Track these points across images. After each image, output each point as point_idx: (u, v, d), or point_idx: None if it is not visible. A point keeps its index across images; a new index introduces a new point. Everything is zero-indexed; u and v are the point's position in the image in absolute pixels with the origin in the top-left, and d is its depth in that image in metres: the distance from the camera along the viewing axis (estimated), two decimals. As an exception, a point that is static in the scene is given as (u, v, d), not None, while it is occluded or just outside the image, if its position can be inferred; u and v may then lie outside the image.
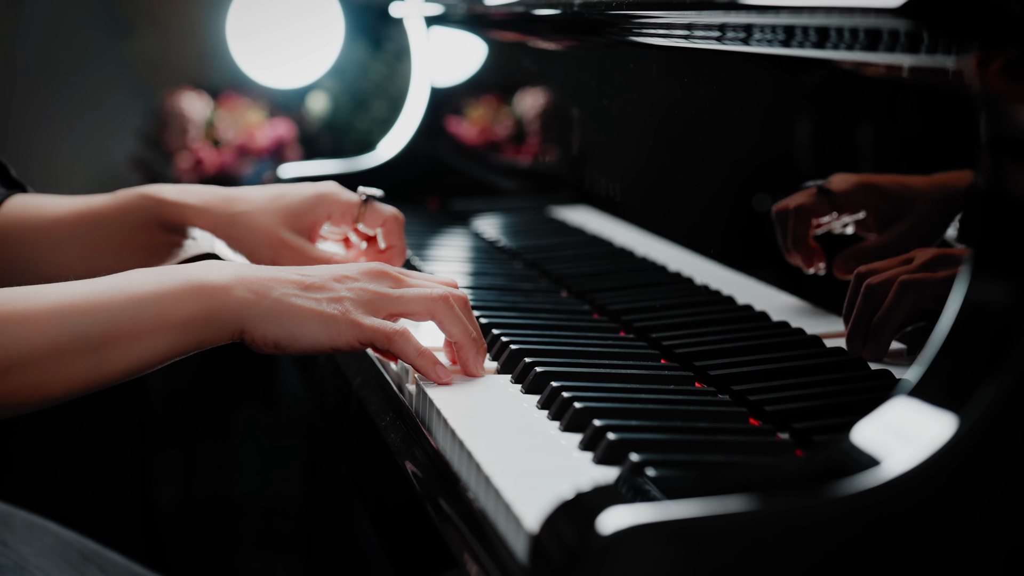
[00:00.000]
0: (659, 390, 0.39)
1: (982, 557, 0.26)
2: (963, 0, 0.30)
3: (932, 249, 0.37)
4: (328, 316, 0.38)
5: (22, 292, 0.37)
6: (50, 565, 0.49)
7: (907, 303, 0.38)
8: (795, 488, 0.25)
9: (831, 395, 0.38)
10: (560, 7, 0.58)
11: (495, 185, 0.78)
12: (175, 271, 0.39)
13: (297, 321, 0.38)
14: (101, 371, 0.37)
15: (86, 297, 0.37)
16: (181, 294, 0.38)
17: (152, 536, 1.09)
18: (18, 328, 0.36)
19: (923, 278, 0.37)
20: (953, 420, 0.26)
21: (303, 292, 0.39)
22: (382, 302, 0.39)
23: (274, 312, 0.38)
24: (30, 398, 0.37)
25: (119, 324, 0.37)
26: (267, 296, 0.38)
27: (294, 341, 0.39)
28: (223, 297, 0.38)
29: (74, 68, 1.22)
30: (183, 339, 0.38)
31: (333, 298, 0.39)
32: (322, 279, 0.39)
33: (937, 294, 0.36)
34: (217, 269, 0.39)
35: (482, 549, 0.30)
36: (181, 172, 1.13)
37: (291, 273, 0.39)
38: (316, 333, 0.38)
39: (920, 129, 0.38)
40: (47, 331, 0.36)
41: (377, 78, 1.17)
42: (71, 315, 0.37)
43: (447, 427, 0.36)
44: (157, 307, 0.37)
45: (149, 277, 0.38)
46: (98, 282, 0.38)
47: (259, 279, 0.39)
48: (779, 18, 0.39)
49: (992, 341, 0.26)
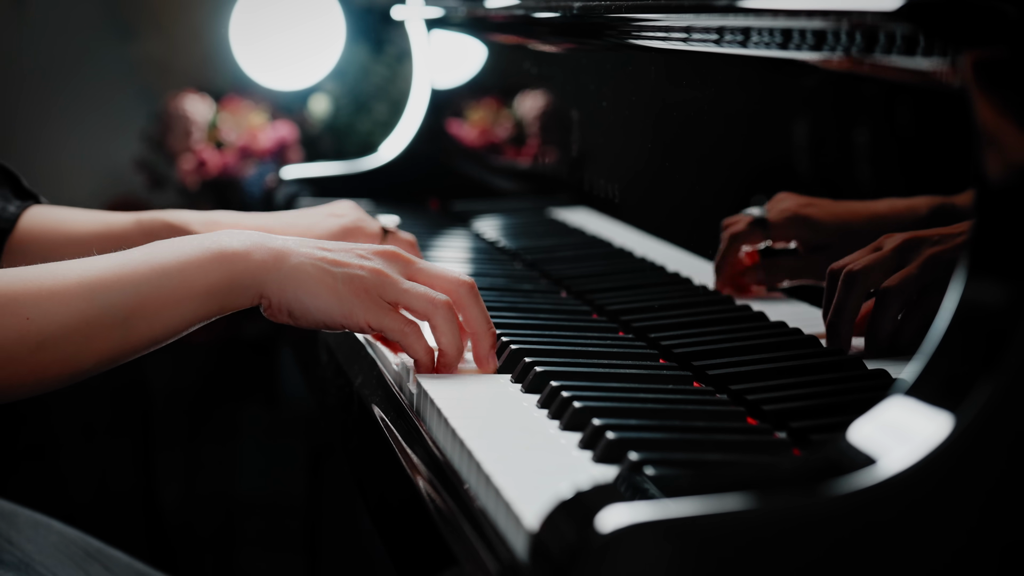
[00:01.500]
0: (658, 389, 0.40)
1: (978, 555, 0.26)
2: (959, 3, 0.30)
3: (901, 235, 0.37)
4: (341, 294, 0.39)
5: (49, 269, 0.38)
6: (54, 563, 0.49)
7: (856, 292, 0.38)
8: (792, 487, 0.26)
9: (828, 394, 0.38)
10: (559, 10, 0.59)
11: (495, 186, 0.78)
12: (195, 241, 0.39)
13: (312, 293, 0.39)
14: (129, 341, 0.38)
15: (112, 270, 0.38)
16: (203, 262, 0.39)
17: (156, 534, 1.09)
18: (48, 303, 0.37)
19: (867, 264, 0.38)
20: (949, 419, 0.26)
21: (319, 262, 0.39)
22: (391, 288, 0.40)
23: (291, 280, 0.39)
24: (61, 372, 0.37)
25: (145, 295, 0.38)
26: (285, 262, 0.39)
27: (306, 312, 0.39)
28: (243, 262, 0.39)
29: (79, 71, 1.22)
30: (206, 306, 0.39)
31: (348, 275, 0.40)
32: (339, 255, 0.40)
33: (883, 278, 0.36)
34: (236, 236, 0.40)
35: (483, 547, 0.30)
36: (185, 173, 1.13)
37: (310, 245, 0.40)
38: (329, 307, 0.39)
39: (916, 131, 0.38)
40: (77, 305, 0.37)
41: (378, 80, 1.17)
42: (99, 289, 0.37)
43: (447, 426, 0.37)
44: (181, 276, 0.38)
45: (171, 248, 0.39)
46: (121, 255, 0.39)
47: (276, 245, 0.40)
48: (776, 21, 0.40)
49: (988, 341, 0.26)
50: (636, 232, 0.59)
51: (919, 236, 0.37)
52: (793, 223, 0.44)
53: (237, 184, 1.13)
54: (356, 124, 1.16)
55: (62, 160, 1.23)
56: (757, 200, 0.47)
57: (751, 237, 0.46)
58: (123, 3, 1.24)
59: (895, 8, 0.32)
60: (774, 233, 0.45)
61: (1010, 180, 0.28)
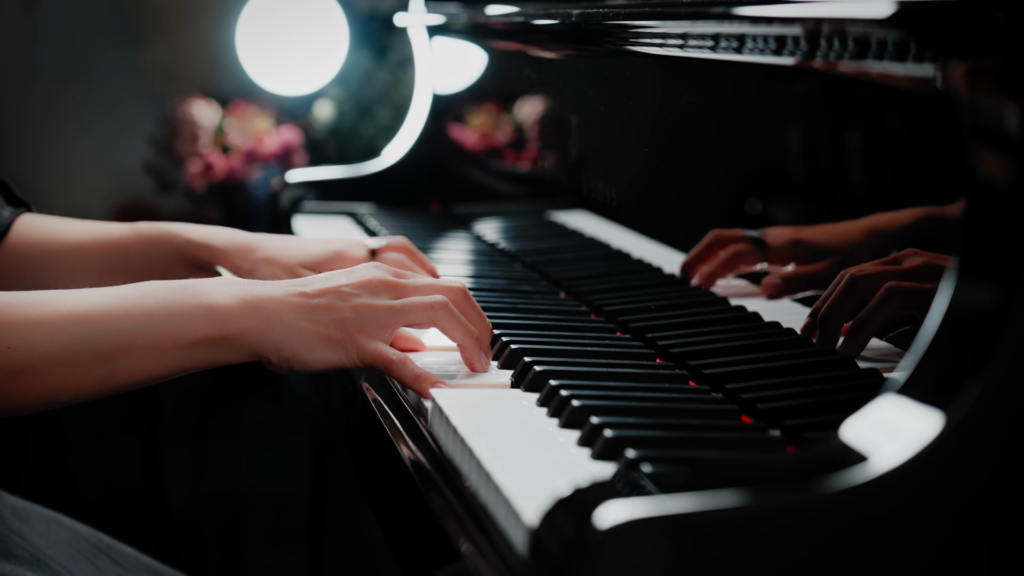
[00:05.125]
0: (654, 388, 0.40)
1: (967, 550, 0.27)
2: (950, 10, 0.30)
3: (913, 251, 0.38)
4: (335, 340, 0.39)
5: (38, 297, 0.38)
6: (65, 557, 0.49)
7: (854, 295, 0.39)
8: (786, 483, 0.26)
9: (821, 393, 0.39)
10: (559, 17, 0.59)
11: (496, 190, 0.79)
12: (187, 288, 0.39)
13: (307, 347, 0.39)
14: (110, 380, 0.38)
15: (100, 308, 0.38)
16: (193, 315, 0.38)
17: (163, 530, 1.09)
18: (32, 334, 0.37)
19: (875, 272, 0.38)
20: (940, 418, 0.26)
21: (309, 316, 0.39)
22: (386, 317, 0.40)
23: (285, 339, 0.39)
24: (38, 400, 0.38)
25: (131, 338, 0.38)
26: (276, 324, 0.39)
27: (305, 364, 0.40)
28: (233, 323, 0.39)
29: (88, 77, 1.23)
30: (193, 357, 0.39)
31: (338, 320, 0.39)
32: (326, 300, 0.40)
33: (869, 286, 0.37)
34: (226, 291, 0.39)
35: (484, 542, 0.31)
36: (192, 177, 1.14)
37: (295, 295, 0.40)
38: (325, 356, 0.40)
39: (908, 135, 0.38)
40: (61, 339, 0.37)
41: (381, 86, 1.18)
42: (85, 325, 0.37)
43: (449, 424, 0.37)
44: (169, 325, 0.38)
45: (162, 293, 0.39)
46: (112, 292, 0.39)
47: (266, 305, 0.39)
48: (771, 28, 0.40)
49: (977, 341, 0.27)
50: (633, 234, 0.59)
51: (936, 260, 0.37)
52: (792, 246, 0.44)
53: (243, 187, 1.14)
54: (359, 128, 1.17)
55: (72, 164, 1.23)
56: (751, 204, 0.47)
57: (749, 257, 0.47)
58: (132, 10, 1.25)
59: (887, 15, 0.33)
60: (773, 255, 0.45)
61: (999, 184, 0.28)
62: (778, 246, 0.45)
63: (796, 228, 0.45)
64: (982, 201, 0.29)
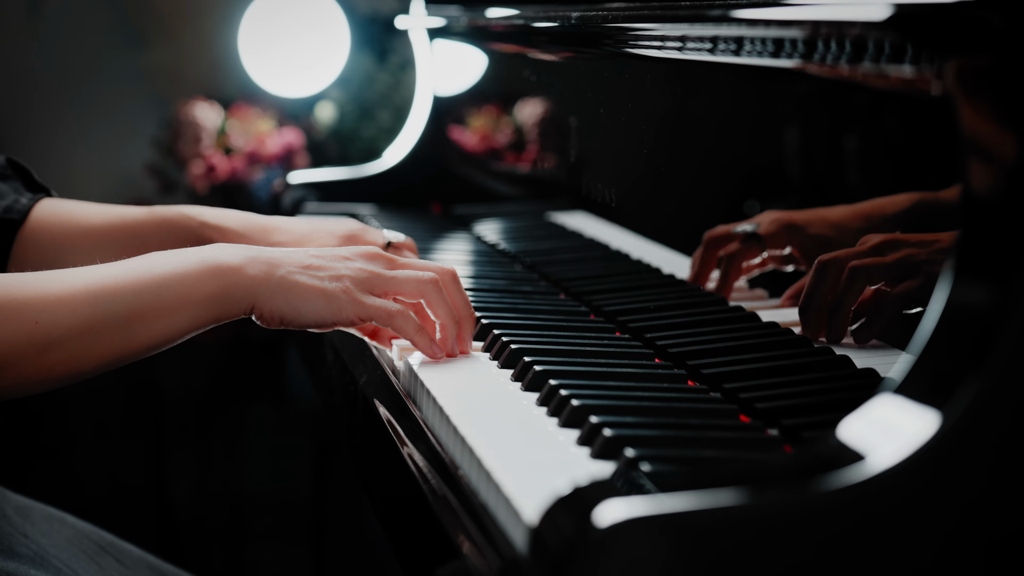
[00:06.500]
0: (653, 388, 0.40)
1: (964, 548, 0.27)
2: (946, 13, 0.30)
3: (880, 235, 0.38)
4: (330, 293, 0.41)
5: (56, 275, 0.40)
6: (68, 556, 0.50)
7: (827, 281, 0.40)
8: (784, 482, 0.26)
9: (819, 392, 0.39)
10: (558, 20, 0.59)
11: (496, 191, 0.79)
12: (192, 253, 0.41)
13: (302, 297, 0.41)
14: (129, 345, 0.40)
15: (115, 279, 0.40)
16: (200, 274, 0.41)
17: (167, 529, 1.10)
18: (56, 308, 0.39)
19: (842, 255, 0.39)
20: (936, 417, 0.26)
21: (306, 271, 0.42)
22: (378, 281, 0.42)
23: (281, 288, 0.41)
24: (65, 373, 0.39)
25: (146, 303, 0.40)
26: (274, 273, 0.41)
27: (298, 316, 0.41)
28: (237, 275, 0.41)
29: (91, 79, 1.24)
30: (202, 315, 0.41)
31: (334, 276, 0.42)
32: (323, 259, 0.42)
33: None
34: (230, 250, 0.42)
35: (484, 540, 0.31)
36: (194, 178, 1.15)
37: (296, 254, 0.42)
38: (319, 308, 0.41)
39: (904, 136, 0.39)
40: (83, 310, 0.39)
41: (382, 88, 1.18)
42: (103, 296, 0.39)
43: (449, 424, 0.37)
44: (180, 287, 0.40)
45: (170, 259, 0.41)
46: (124, 264, 0.41)
47: (267, 258, 0.42)
48: (769, 31, 0.40)
49: (974, 341, 0.27)
50: (633, 235, 0.60)
51: (899, 238, 0.38)
52: (784, 230, 0.44)
53: (245, 188, 1.15)
54: (361, 130, 1.18)
55: (75, 165, 1.24)
56: (750, 205, 0.48)
57: (749, 253, 0.47)
58: (135, 13, 1.25)
59: (884, 18, 0.33)
60: (769, 243, 0.46)
61: (995, 185, 0.28)
62: (772, 232, 0.45)
63: (787, 212, 0.45)
64: (978, 202, 0.29)
